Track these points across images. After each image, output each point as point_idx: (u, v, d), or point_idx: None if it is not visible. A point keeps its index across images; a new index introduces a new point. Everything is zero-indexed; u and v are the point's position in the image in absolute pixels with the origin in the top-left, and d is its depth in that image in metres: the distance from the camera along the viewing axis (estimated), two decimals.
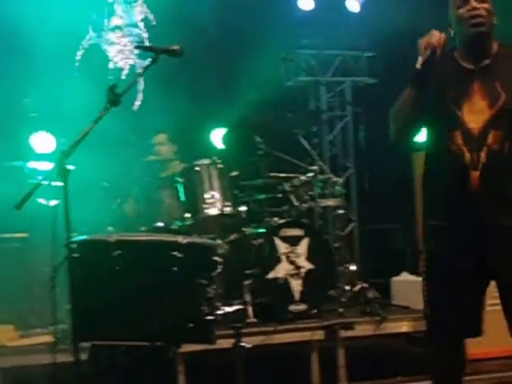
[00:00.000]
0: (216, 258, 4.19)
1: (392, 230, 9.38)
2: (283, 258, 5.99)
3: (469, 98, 3.30)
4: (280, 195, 6.65)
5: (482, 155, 3.25)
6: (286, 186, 6.61)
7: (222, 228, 6.30)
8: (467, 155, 3.27)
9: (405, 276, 6.75)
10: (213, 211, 6.14)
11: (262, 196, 6.66)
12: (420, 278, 6.28)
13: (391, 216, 9.11)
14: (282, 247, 6.00)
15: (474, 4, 3.26)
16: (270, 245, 5.98)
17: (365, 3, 9.18)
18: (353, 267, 6.78)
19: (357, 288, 6.51)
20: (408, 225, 7.93)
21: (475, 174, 3.26)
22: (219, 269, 4.44)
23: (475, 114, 3.28)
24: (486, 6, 3.28)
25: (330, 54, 9.56)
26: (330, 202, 7.01)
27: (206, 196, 6.15)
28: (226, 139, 7.35)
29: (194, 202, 6.17)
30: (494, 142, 3.26)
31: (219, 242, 6.06)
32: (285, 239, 6.04)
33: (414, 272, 6.79)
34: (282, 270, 5.95)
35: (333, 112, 9.83)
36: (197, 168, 6.21)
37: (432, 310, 3.50)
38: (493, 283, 3.45)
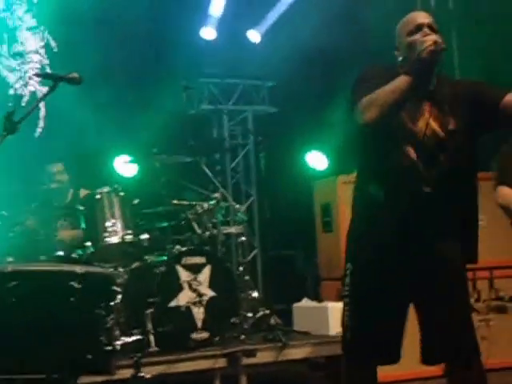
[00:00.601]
0: (115, 288, 4.17)
1: (294, 257, 9.48)
2: (185, 285, 5.96)
3: (421, 117, 3.39)
4: (182, 223, 6.64)
5: (434, 172, 3.35)
6: (189, 214, 6.59)
7: (123, 256, 6.24)
8: (421, 171, 3.35)
9: (306, 302, 6.82)
10: (114, 239, 6.07)
11: (165, 224, 6.63)
12: (320, 304, 6.43)
13: (293, 242, 9.22)
14: (184, 275, 5.98)
15: (428, 31, 3.37)
16: (172, 273, 5.96)
17: (265, 34, 9.32)
18: (255, 294, 6.81)
19: (259, 315, 6.54)
20: (309, 251, 8.04)
21: (427, 189, 3.35)
22: (119, 298, 4.41)
23: (429, 132, 3.37)
24: (438, 37, 3.37)
25: (232, 83, 9.66)
26: (233, 229, 7.05)
27: (107, 224, 6.08)
28: (128, 166, 7.31)
29: (95, 231, 6.09)
30: (444, 160, 3.36)
31: (120, 270, 6.01)
32: (187, 267, 6.02)
33: (315, 298, 6.88)
34: (184, 298, 5.92)
35: (235, 140, 9.91)
36: (97, 196, 6.14)
37: (353, 334, 3.51)
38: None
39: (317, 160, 8.99)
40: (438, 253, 3.40)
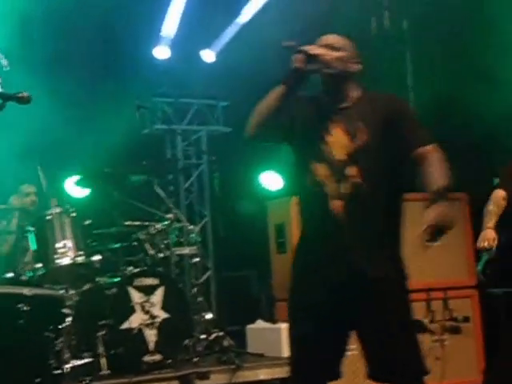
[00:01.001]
0: (65, 310, 4.08)
1: (248, 277, 9.43)
2: (138, 307, 5.89)
3: (331, 133, 3.41)
4: (135, 244, 6.57)
5: (345, 186, 3.35)
6: (141, 235, 6.53)
7: (74, 278, 6.14)
8: (330, 186, 3.36)
9: (260, 323, 6.77)
10: (65, 261, 5.97)
11: (117, 245, 6.56)
12: (274, 326, 6.39)
13: (247, 263, 9.17)
14: (137, 297, 5.91)
15: (312, 49, 3.44)
16: (124, 295, 5.88)
17: (219, 53, 9.31)
18: (209, 315, 6.74)
19: (212, 337, 6.47)
20: (263, 272, 8.00)
21: (337, 204, 3.34)
22: (69, 321, 4.33)
23: (338, 147, 3.39)
24: (335, 54, 3.44)
25: (186, 103, 9.62)
26: (186, 250, 7.00)
27: (57, 245, 5.98)
28: (80, 187, 7.21)
29: (46, 252, 5.99)
30: (355, 175, 3.35)
31: (71, 292, 5.91)
32: (139, 288, 5.95)
33: (269, 319, 6.83)
34: (136, 320, 5.85)
35: (189, 160, 9.85)
36: (48, 217, 6.04)
37: (294, 356, 3.49)
38: None
39: (271, 180, 8.99)
40: (365, 275, 3.34)
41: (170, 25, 8.92)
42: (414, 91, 9.28)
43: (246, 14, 8.96)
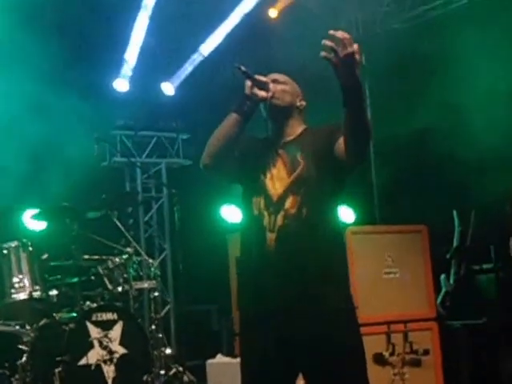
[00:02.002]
0: (21, 346, 3.99)
1: (208, 312, 9.36)
2: (96, 343, 5.82)
3: (273, 167, 3.45)
4: (93, 278, 6.50)
5: (279, 218, 3.35)
6: (100, 269, 6.47)
7: (31, 313, 6.06)
8: (266, 218, 3.37)
9: (220, 358, 6.71)
10: (21, 296, 5.90)
11: (75, 279, 6.47)
12: (234, 360, 6.33)
13: (207, 297, 9.10)
14: (95, 332, 5.83)
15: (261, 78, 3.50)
16: (82, 330, 5.79)
17: (179, 86, 9.31)
18: (168, 350, 6.67)
19: (172, 372, 6.41)
20: (224, 306, 7.95)
21: (272, 237, 3.34)
22: (25, 357, 4.24)
23: (277, 181, 3.42)
24: (281, 87, 3.52)
25: (146, 136, 9.58)
26: (145, 284, 6.93)
27: (14, 280, 5.91)
28: (37, 220, 7.11)
29: (1, 287, 5.90)
30: (291, 207, 3.35)
31: (27, 328, 5.81)
32: (97, 324, 5.88)
33: (229, 354, 6.78)
34: (94, 356, 5.77)
35: (149, 193, 9.80)
36: (4, 251, 5.96)
37: None
38: None
39: (231, 213, 8.96)
40: (306, 316, 3.28)
41: (130, 58, 8.91)
42: (372, 121, 9.36)
43: (206, 48, 8.99)
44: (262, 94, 3.44)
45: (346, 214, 9.00)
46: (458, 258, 7.60)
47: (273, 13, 8.92)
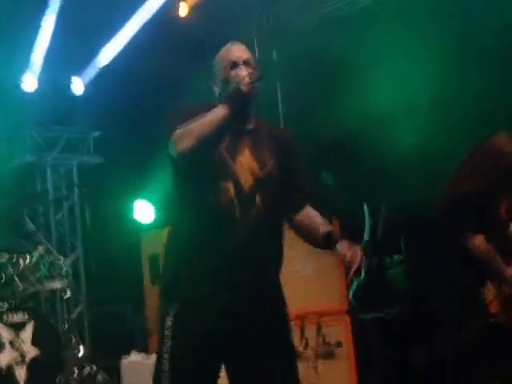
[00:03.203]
0: None
1: (122, 311, 9.28)
2: (7, 345, 5.71)
3: (240, 154, 3.30)
4: (3, 278, 6.36)
5: (252, 213, 3.25)
6: (10, 269, 6.33)
7: None
8: (238, 209, 3.23)
9: (134, 357, 6.66)
10: None
11: None
12: (148, 358, 6.29)
13: (120, 296, 9.02)
14: (6, 334, 5.72)
15: (244, 67, 3.34)
16: None
17: (88, 84, 9.20)
18: (82, 350, 6.59)
19: (85, 372, 6.33)
20: (137, 305, 7.89)
21: (242, 230, 3.23)
22: None
23: (246, 170, 3.29)
24: (256, 70, 3.35)
25: (56, 133, 9.42)
26: (57, 284, 6.82)
27: None
28: None
29: None
30: (260, 203, 3.28)
31: None
32: (8, 325, 5.77)
33: (144, 351, 6.74)
34: (5, 358, 5.68)
35: (59, 192, 9.62)
36: None
37: None
38: None
39: (143, 211, 8.90)
40: (257, 303, 3.32)
41: (38, 54, 8.75)
42: (284, 119, 9.43)
43: (116, 46, 8.90)
44: (254, 91, 3.27)
45: None
46: (369, 251, 7.73)
47: (183, 8, 8.88)
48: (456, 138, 6.39)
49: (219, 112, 3.18)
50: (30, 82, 8.87)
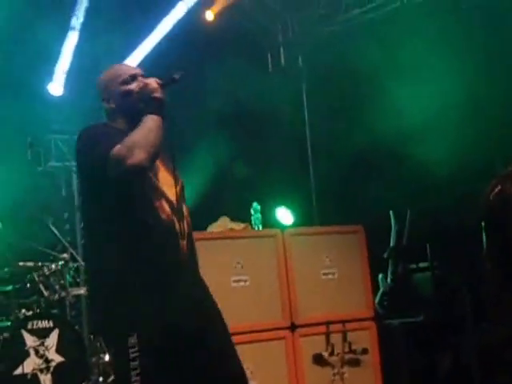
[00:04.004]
0: None
1: None
2: (31, 351, 5.73)
3: (159, 170, 3.37)
4: (28, 285, 6.39)
5: (185, 225, 3.36)
6: (35, 276, 6.36)
7: None
8: (176, 224, 3.31)
9: None
10: None
11: (9, 287, 6.37)
12: None
13: None
14: (30, 340, 5.75)
15: (145, 80, 3.41)
16: (17, 339, 5.69)
17: None
18: (107, 357, 6.59)
19: (111, 379, 6.33)
20: None
21: (183, 244, 3.33)
22: None
23: (168, 186, 3.36)
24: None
25: None
26: (82, 291, 6.84)
27: None
28: None
29: None
30: (187, 215, 3.43)
31: None
32: (33, 332, 5.80)
33: None
34: (30, 365, 5.70)
35: None
36: None
37: None
38: None
39: None
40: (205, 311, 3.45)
41: (65, 60, 8.79)
42: (309, 125, 9.41)
43: (141, 52, 8.92)
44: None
45: (284, 215, 9.03)
46: (395, 258, 7.68)
47: (209, 15, 8.90)
48: (482, 147, 6.34)
49: (153, 121, 3.23)
50: (55, 89, 8.92)
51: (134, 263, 3.23)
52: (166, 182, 3.34)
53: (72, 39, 8.69)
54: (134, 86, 3.43)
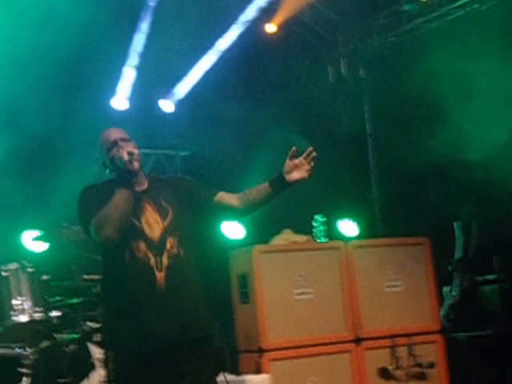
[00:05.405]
0: (22, 370, 3.95)
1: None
2: (98, 363, 5.76)
3: (143, 213, 3.81)
4: (94, 298, 6.44)
5: (164, 258, 3.75)
6: (99, 289, 6.40)
7: (32, 335, 5.98)
8: (152, 259, 3.73)
9: (224, 376, 6.64)
10: (22, 318, 5.83)
11: (75, 300, 6.41)
12: (238, 377, 6.28)
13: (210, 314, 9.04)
14: (96, 352, 5.78)
15: (123, 144, 3.82)
16: (84, 351, 5.75)
17: (178, 103, 9.30)
18: None
19: None
20: (227, 323, 7.90)
21: (160, 275, 3.72)
22: (26, 380, 4.20)
23: (152, 225, 3.81)
24: (132, 145, 3.85)
25: (144, 154, 9.53)
26: None
27: (14, 302, 5.84)
28: (37, 241, 7.08)
29: (1, 309, 5.84)
30: (171, 247, 3.78)
31: (29, 350, 5.75)
32: (99, 344, 5.83)
33: (233, 371, 6.72)
34: (96, 377, 5.71)
35: None
36: (4, 273, 5.91)
37: None
38: None
39: (232, 230, 8.93)
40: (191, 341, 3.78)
41: (128, 75, 8.90)
42: (372, 137, 9.36)
43: (205, 65, 8.99)
44: (136, 164, 3.75)
45: (348, 227, 8.98)
46: (461, 270, 7.57)
47: (271, 27, 8.93)
48: None
49: (120, 194, 3.68)
50: (120, 103, 9.02)
51: (113, 293, 3.82)
52: (149, 221, 3.80)
53: (135, 52, 8.79)
54: (114, 152, 3.82)
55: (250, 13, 8.63)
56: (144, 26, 8.58)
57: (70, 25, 7.44)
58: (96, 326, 5.99)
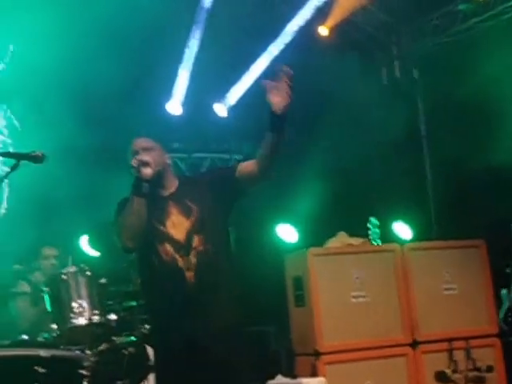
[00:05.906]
0: (82, 371, 4.01)
1: (266, 332, 9.32)
2: None
3: (168, 217, 3.95)
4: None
5: (192, 257, 3.87)
6: None
7: (91, 338, 6.04)
8: (180, 261, 3.87)
9: (280, 379, 6.66)
10: (81, 321, 5.89)
11: (133, 303, 6.49)
12: (294, 381, 6.29)
13: (265, 317, 9.07)
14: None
15: (142, 153, 3.95)
16: (141, 354, 5.80)
17: (232, 108, 9.35)
18: None
19: None
20: (282, 326, 7.91)
21: (190, 274, 3.85)
22: (85, 382, 4.26)
23: (177, 226, 3.93)
24: (153, 154, 3.96)
25: (199, 158, 9.62)
26: None
27: (73, 305, 5.91)
28: (93, 245, 7.19)
29: (61, 312, 5.91)
30: (198, 245, 3.90)
31: (88, 352, 5.83)
32: None
33: (289, 374, 6.72)
34: (153, 380, 5.76)
35: None
36: (63, 276, 5.99)
37: None
38: None
39: (287, 233, 8.94)
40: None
41: (182, 80, 8.97)
42: (426, 139, 9.29)
43: (258, 68, 9.01)
44: (147, 171, 3.85)
45: (403, 230, 8.93)
46: None
47: (323, 31, 8.93)
48: None
49: (132, 203, 3.85)
50: (174, 108, 9.10)
51: (148, 296, 4.12)
52: (174, 224, 3.94)
53: (189, 57, 8.85)
54: (131, 162, 3.95)
55: (304, 16, 8.65)
56: (198, 31, 8.65)
57: (131, 29, 7.53)
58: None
